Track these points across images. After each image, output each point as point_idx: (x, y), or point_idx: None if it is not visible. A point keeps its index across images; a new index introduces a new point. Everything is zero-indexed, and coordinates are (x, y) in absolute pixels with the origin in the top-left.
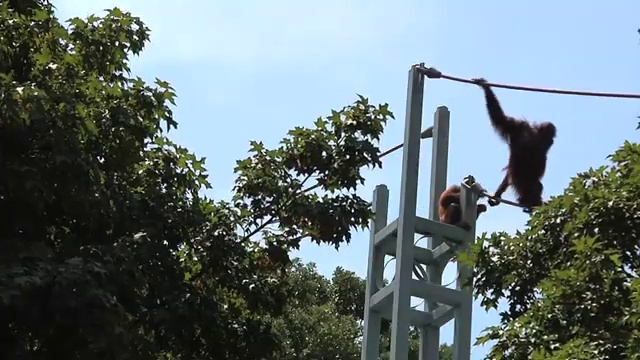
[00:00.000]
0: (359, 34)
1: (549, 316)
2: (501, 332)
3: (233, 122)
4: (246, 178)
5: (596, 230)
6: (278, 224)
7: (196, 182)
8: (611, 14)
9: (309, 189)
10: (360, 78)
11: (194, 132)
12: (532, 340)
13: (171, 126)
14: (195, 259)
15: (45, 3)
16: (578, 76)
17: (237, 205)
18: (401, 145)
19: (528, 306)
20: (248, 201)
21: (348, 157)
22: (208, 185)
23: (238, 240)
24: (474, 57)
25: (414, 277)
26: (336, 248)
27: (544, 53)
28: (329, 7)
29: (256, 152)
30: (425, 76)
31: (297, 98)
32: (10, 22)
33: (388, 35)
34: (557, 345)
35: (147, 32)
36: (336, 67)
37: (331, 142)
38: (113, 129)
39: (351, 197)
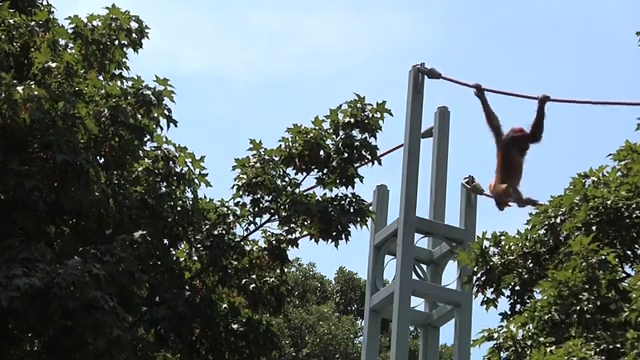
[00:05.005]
0: (359, 46)
1: (546, 317)
2: (496, 334)
3: (232, 134)
4: (245, 177)
5: (594, 229)
6: (277, 223)
7: (195, 181)
8: (610, 16)
9: (308, 189)
10: (360, 90)
11: (193, 142)
12: (528, 342)
13: (171, 125)
14: (195, 258)
15: (45, 3)
16: (578, 77)
17: (236, 204)
18: (401, 145)
19: (528, 306)
20: (247, 200)
21: (346, 155)
22: (208, 184)
23: (237, 239)
24: (474, 65)
25: (414, 277)
26: (335, 247)
27: (544, 56)
28: (329, 20)
29: (255, 151)
30: (425, 76)
31: (297, 110)
32: (11, 22)
33: (388, 47)
34: (552, 348)
35: (146, 30)
36: (336, 79)
37: (329, 141)
38: (112, 128)
39: (350, 196)
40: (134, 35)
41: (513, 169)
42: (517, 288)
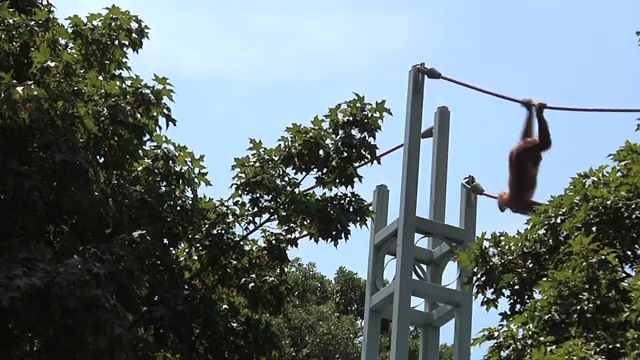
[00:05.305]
0: (359, 47)
1: (546, 317)
2: (497, 334)
3: (232, 135)
4: (244, 176)
5: (594, 229)
6: (277, 222)
7: (195, 180)
8: (610, 18)
9: (308, 189)
10: (360, 91)
11: (194, 143)
12: (529, 342)
13: (171, 125)
14: (194, 258)
15: (45, 3)
16: (578, 77)
17: (235, 203)
18: (401, 145)
19: (528, 306)
20: (246, 199)
21: (345, 155)
22: (207, 183)
23: (237, 239)
24: (474, 65)
25: (414, 277)
26: (335, 246)
27: (544, 56)
28: (329, 21)
29: (254, 151)
30: (425, 76)
31: (297, 111)
32: (11, 21)
33: (388, 48)
34: (553, 348)
35: (146, 30)
36: (336, 80)
37: (328, 140)
38: (112, 127)
39: (350, 195)
40: (134, 35)
41: (528, 182)
42: (517, 288)
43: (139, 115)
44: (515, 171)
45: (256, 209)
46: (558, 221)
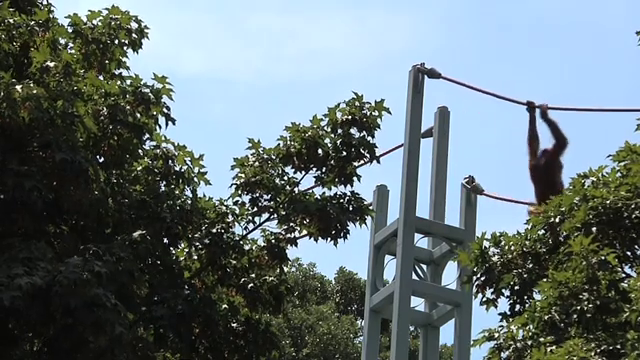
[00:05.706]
0: (359, 47)
1: (546, 318)
2: (497, 334)
3: (232, 135)
4: (243, 176)
5: (594, 229)
6: (276, 222)
7: (195, 179)
8: (610, 18)
9: (308, 189)
10: (360, 92)
11: (194, 143)
12: (529, 342)
13: (171, 125)
14: (194, 257)
15: (45, 3)
16: (579, 77)
17: (235, 203)
18: (401, 145)
19: (528, 306)
20: (246, 199)
21: (345, 154)
22: (207, 182)
23: (237, 238)
24: (474, 65)
25: (414, 277)
26: (334, 245)
27: (544, 56)
28: (329, 21)
29: (253, 150)
30: (425, 76)
31: (297, 111)
32: (11, 21)
33: (388, 48)
34: (553, 348)
35: (146, 30)
36: (336, 80)
37: (327, 139)
38: (111, 127)
39: (349, 194)
40: (134, 35)
41: (561, 191)
42: (517, 288)
43: (139, 114)
44: (543, 184)
45: (256, 209)
46: (557, 221)
